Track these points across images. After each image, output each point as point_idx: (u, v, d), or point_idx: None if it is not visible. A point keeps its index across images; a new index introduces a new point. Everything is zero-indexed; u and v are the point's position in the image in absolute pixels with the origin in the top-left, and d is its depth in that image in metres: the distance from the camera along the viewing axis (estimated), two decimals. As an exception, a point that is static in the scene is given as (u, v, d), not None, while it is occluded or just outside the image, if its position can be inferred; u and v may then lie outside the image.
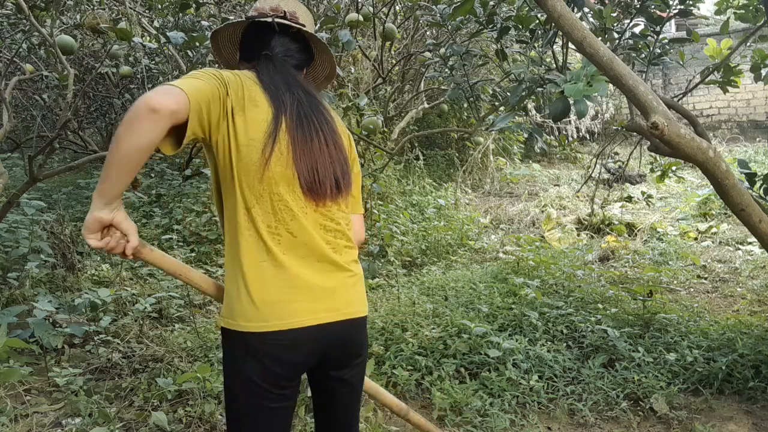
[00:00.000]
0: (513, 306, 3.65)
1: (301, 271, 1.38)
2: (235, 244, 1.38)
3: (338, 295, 1.43)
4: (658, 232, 6.12)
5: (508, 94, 3.59)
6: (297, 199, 1.39)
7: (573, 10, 2.78)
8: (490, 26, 3.41)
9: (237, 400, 1.40)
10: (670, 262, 5.06)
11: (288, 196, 1.38)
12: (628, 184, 8.15)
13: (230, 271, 1.39)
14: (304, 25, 1.52)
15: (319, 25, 3.33)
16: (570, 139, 10.84)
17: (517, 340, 3.15)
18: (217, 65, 3.76)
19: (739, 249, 5.46)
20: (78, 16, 4.23)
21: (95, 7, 4.03)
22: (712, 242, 5.79)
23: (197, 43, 3.27)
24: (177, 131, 1.26)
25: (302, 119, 1.41)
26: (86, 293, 3.58)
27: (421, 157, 7.79)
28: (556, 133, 10.59)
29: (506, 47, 4.03)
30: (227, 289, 1.40)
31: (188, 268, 1.47)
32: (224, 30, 1.58)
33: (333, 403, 1.55)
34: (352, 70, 5.93)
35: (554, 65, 3.38)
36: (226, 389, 1.43)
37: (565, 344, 3.26)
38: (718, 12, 3.66)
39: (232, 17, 4.63)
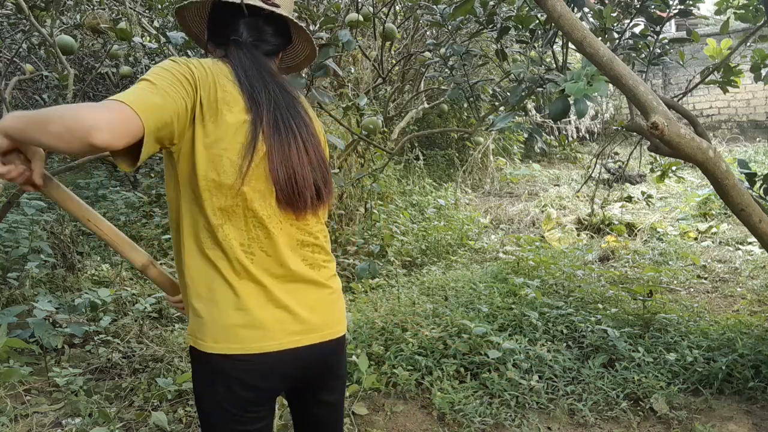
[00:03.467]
0: (513, 306, 3.65)
1: (277, 292, 1.27)
2: (200, 261, 1.26)
3: (317, 315, 1.33)
4: (658, 232, 6.12)
5: (508, 94, 3.59)
6: (272, 215, 1.27)
7: (573, 10, 2.78)
8: (490, 26, 3.41)
9: (209, 420, 1.32)
10: (670, 262, 5.06)
11: (263, 212, 1.25)
12: (628, 184, 8.15)
13: (199, 287, 1.26)
14: (278, 6, 1.35)
15: (318, 25, 3.33)
16: (570, 139, 10.85)
17: (517, 341, 3.15)
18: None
19: (739, 249, 5.46)
20: (78, 16, 4.22)
21: (95, 7, 4.03)
22: (712, 242, 5.79)
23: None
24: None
25: (279, 123, 1.27)
26: (86, 293, 3.59)
27: (421, 157, 7.79)
28: (556, 133, 10.60)
29: (506, 47, 4.03)
30: (194, 306, 1.27)
31: (104, 221, 1.32)
32: (188, 8, 1.41)
33: (315, 424, 1.48)
34: (352, 70, 5.93)
35: (554, 65, 3.38)
36: (198, 409, 1.35)
37: (565, 344, 3.26)
38: (718, 12, 3.66)
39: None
